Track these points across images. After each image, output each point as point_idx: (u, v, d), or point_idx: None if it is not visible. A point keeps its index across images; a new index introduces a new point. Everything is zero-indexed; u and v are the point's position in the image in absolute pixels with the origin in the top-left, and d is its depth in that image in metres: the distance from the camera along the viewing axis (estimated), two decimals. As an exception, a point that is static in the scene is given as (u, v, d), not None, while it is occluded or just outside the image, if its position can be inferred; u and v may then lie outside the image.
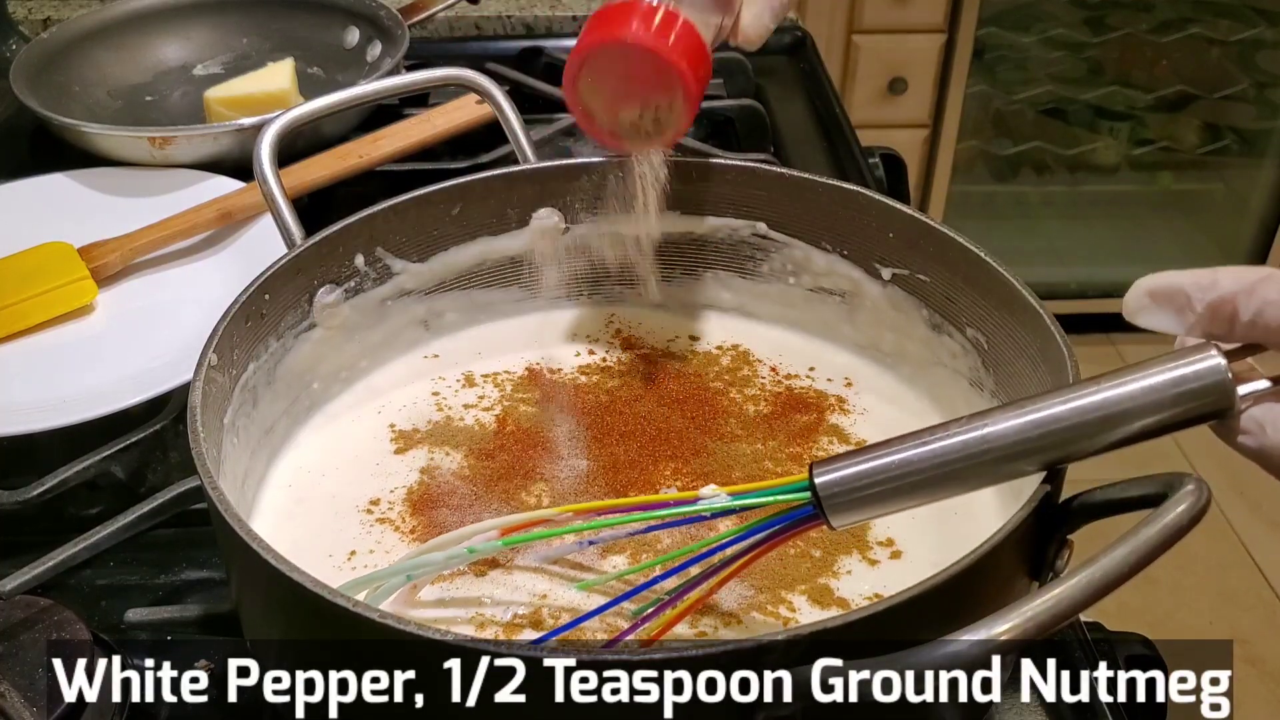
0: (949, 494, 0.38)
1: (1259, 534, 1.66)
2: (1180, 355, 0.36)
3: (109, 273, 0.72)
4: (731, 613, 0.45)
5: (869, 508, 0.38)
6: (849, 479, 0.37)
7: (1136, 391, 0.36)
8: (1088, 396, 0.36)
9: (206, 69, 0.98)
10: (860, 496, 0.37)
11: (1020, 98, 1.95)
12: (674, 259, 0.62)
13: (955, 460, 0.37)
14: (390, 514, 0.50)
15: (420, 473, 0.52)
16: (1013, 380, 0.51)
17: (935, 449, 0.37)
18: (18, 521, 0.56)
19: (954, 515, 0.50)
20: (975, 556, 0.36)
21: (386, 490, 0.52)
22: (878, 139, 1.02)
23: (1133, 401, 0.36)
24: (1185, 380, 0.35)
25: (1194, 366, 0.35)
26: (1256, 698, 1.41)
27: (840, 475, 0.38)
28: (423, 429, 0.55)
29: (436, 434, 0.55)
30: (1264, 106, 1.98)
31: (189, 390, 0.45)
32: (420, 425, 0.55)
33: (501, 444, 0.54)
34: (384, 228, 0.56)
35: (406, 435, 0.55)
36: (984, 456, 0.37)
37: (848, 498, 0.37)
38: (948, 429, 0.37)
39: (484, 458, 0.53)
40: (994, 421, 0.37)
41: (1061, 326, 0.46)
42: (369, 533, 0.50)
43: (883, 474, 0.37)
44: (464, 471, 0.52)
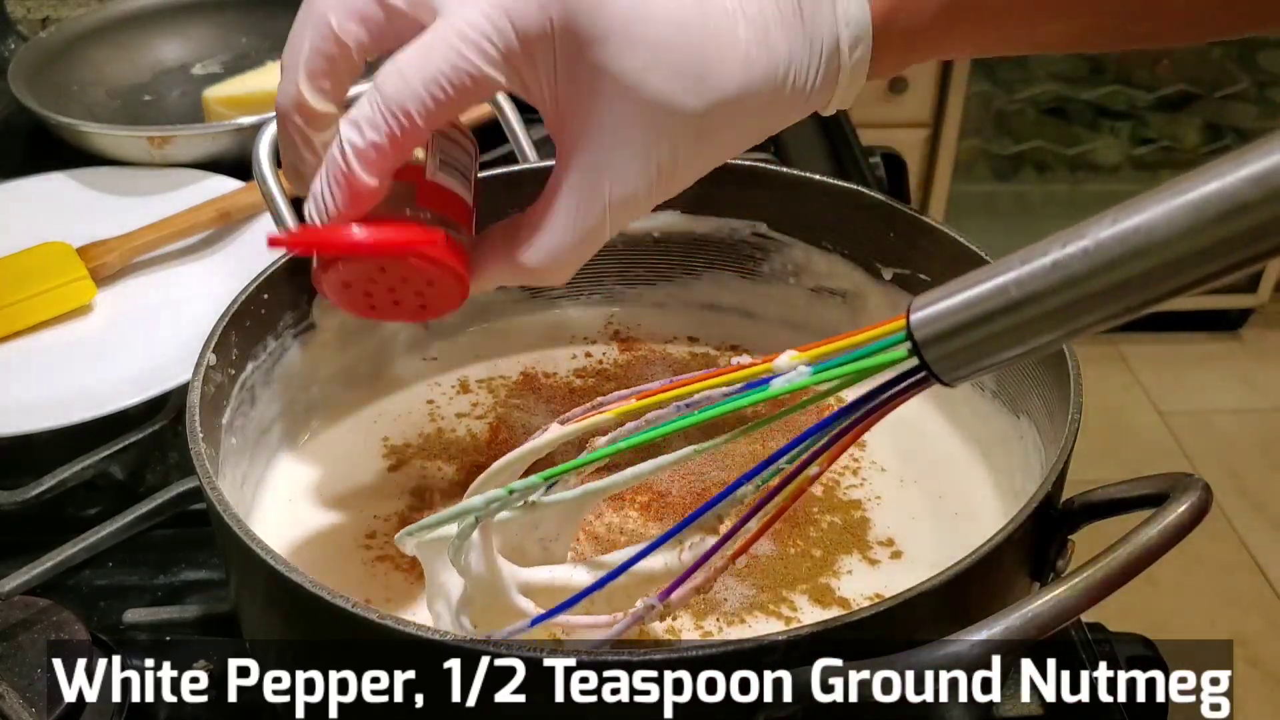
0: (1089, 322, 0.29)
1: (1260, 535, 1.66)
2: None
3: (108, 273, 0.72)
4: (732, 612, 0.45)
5: (986, 352, 0.30)
6: (951, 308, 0.30)
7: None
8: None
9: (205, 68, 0.98)
10: (972, 329, 0.30)
11: (1021, 97, 1.96)
12: (674, 258, 0.62)
13: (1097, 269, 0.28)
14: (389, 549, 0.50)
15: (410, 494, 0.52)
16: (1014, 380, 0.51)
17: (1058, 257, 0.28)
18: (16, 522, 0.56)
19: (955, 515, 0.50)
20: (976, 557, 0.36)
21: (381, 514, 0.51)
22: (878, 138, 1.01)
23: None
24: None
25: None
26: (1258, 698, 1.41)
27: (938, 305, 0.30)
28: (415, 442, 0.55)
29: (429, 447, 0.55)
30: (1265, 106, 1.98)
31: (188, 390, 0.45)
32: (412, 439, 0.55)
33: (494, 455, 0.53)
34: (383, 227, 0.56)
35: (399, 450, 0.55)
36: (1136, 261, 0.27)
37: (956, 337, 0.30)
38: (1082, 229, 0.28)
39: (476, 471, 0.53)
40: (1146, 207, 0.27)
41: (1062, 326, 0.46)
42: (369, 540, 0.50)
43: (994, 296, 0.29)
44: (455, 490, 0.52)
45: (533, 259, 0.42)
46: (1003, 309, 0.29)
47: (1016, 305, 0.29)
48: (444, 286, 0.43)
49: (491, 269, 0.43)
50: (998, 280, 0.30)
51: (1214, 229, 0.26)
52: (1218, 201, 0.26)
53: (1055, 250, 0.29)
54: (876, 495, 0.51)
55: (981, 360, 0.31)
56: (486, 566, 0.39)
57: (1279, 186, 0.25)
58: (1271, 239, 0.26)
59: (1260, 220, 0.26)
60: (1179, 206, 0.26)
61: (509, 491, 0.37)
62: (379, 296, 0.43)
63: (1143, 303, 0.28)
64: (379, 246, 0.40)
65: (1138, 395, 1.94)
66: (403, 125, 0.38)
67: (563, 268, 0.43)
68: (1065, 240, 0.28)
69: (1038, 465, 0.47)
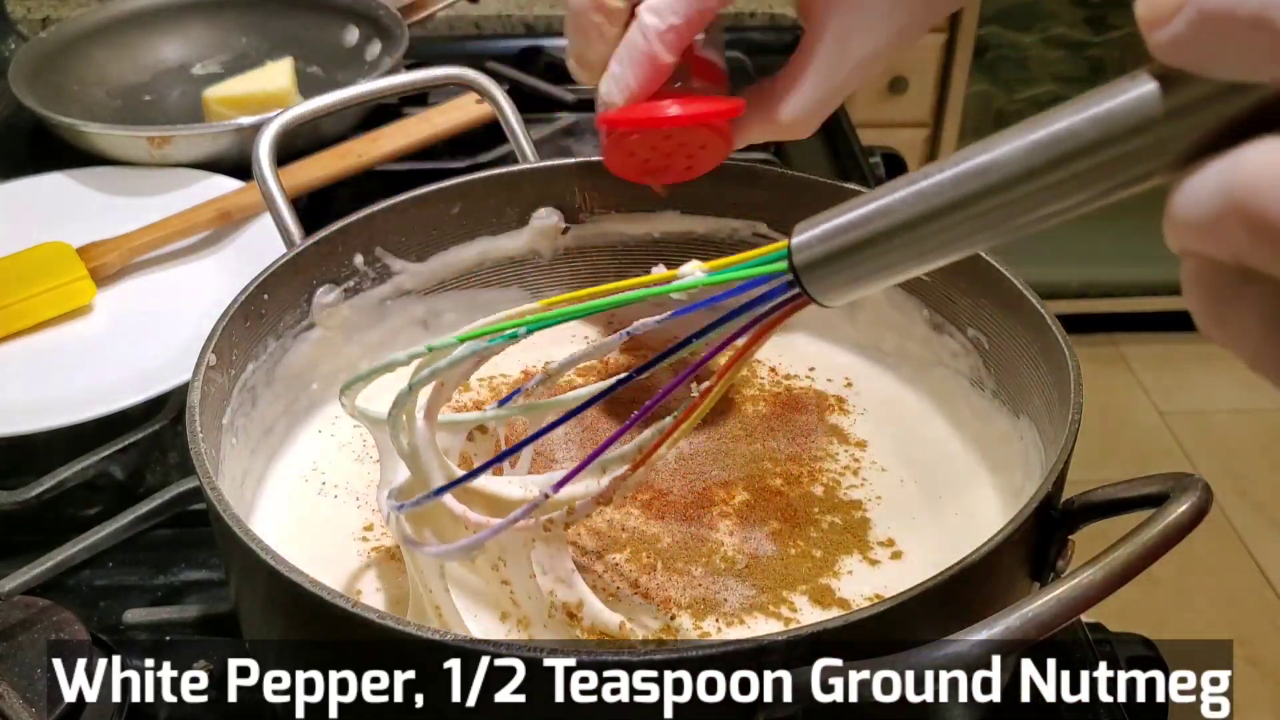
0: (952, 248, 0.31)
1: (1261, 534, 1.66)
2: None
3: (108, 272, 0.72)
4: (733, 613, 0.45)
5: (857, 272, 0.32)
6: (827, 234, 0.32)
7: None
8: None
9: (205, 68, 0.98)
10: (841, 254, 0.32)
11: (1022, 97, 1.95)
12: (673, 259, 0.62)
13: (951, 198, 0.29)
14: (386, 541, 0.50)
15: None
16: (1014, 381, 0.51)
17: (923, 187, 0.30)
18: (16, 522, 0.56)
19: (955, 516, 0.50)
20: (976, 557, 0.36)
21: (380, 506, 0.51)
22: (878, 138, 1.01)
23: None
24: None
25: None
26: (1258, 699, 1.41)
27: (816, 231, 0.32)
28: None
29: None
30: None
31: (188, 390, 0.45)
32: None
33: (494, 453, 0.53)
34: (383, 227, 0.56)
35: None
36: (987, 192, 0.28)
37: (828, 261, 0.32)
38: (943, 164, 0.30)
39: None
40: (997, 145, 0.28)
41: (1063, 326, 0.46)
42: (367, 532, 0.50)
43: (864, 223, 0.31)
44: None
45: (788, 113, 0.49)
46: (869, 236, 0.31)
47: (882, 233, 0.31)
48: (714, 148, 0.50)
49: (751, 128, 0.50)
50: (866, 208, 0.31)
51: (1056, 165, 0.27)
52: (1059, 139, 0.27)
53: (919, 180, 0.30)
54: (877, 495, 0.51)
55: (852, 283, 0.32)
56: (426, 448, 0.41)
57: (1114, 128, 0.26)
58: (1103, 178, 0.27)
59: (1095, 158, 0.27)
60: (1027, 143, 0.28)
61: (428, 349, 0.40)
62: (655, 161, 0.51)
63: (995, 233, 0.29)
64: (695, 118, 0.47)
65: (1138, 395, 1.94)
66: (699, 5, 0.44)
67: (813, 120, 0.49)
68: (928, 171, 0.30)
69: (1038, 465, 0.47)
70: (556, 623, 0.43)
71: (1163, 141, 0.25)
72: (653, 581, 0.46)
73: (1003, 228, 0.29)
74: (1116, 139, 0.26)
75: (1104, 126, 0.26)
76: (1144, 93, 0.25)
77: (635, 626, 0.44)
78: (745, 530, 0.48)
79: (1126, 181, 0.26)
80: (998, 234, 0.29)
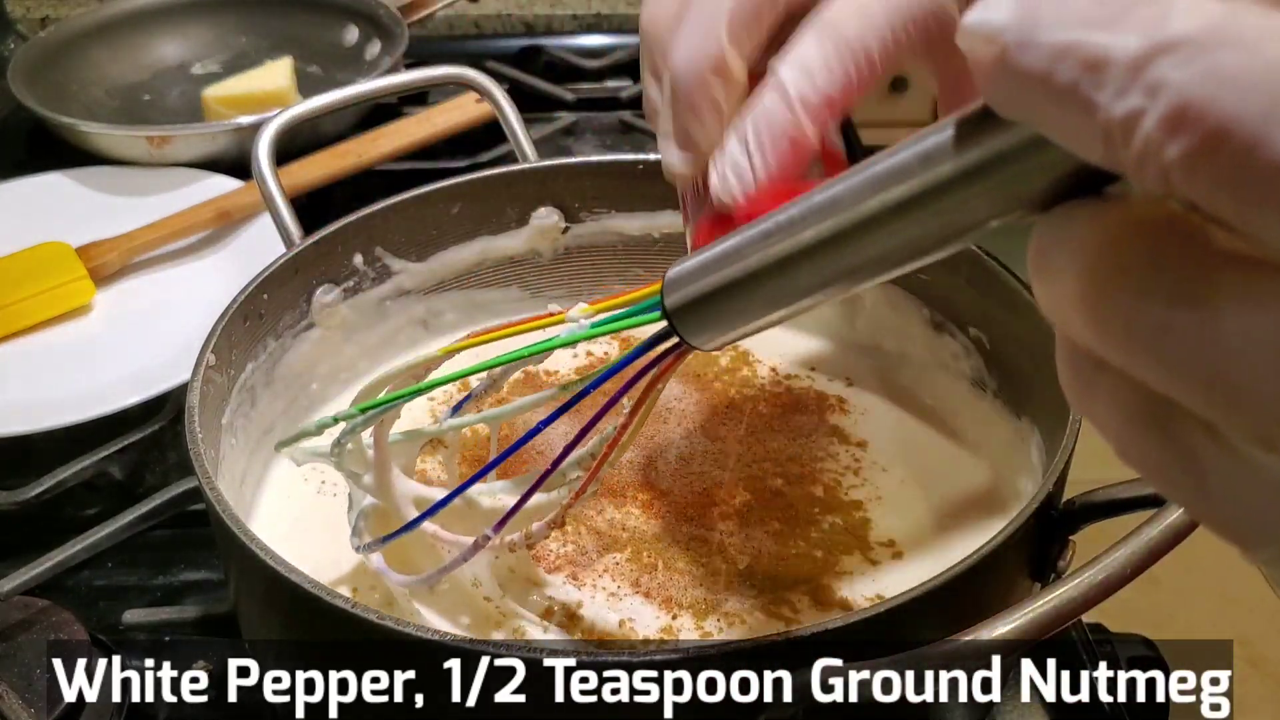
0: (804, 289, 0.28)
1: (1260, 534, 1.65)
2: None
3: (107, 272, 0.72)
4: (733, 613, 0.45)
5: (723, 315, 0.30)
6: (689, 272, 0.30)
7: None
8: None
9: (204, 67, 0.98)
10: (705, 295, 0.30)
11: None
12: (674, 258, 0.61)
13: (805, 234, 0.26)
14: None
15: None
16: (1016, 380, 0.51)
17: (767, 226, 0.27)
18: (15, 522, 0.56)
19: (956, 516, 0.50)
20: (977, 557, 0.36)
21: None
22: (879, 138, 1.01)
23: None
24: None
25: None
26: (1259, 699, 1.41)
27: (681, 270, 0.31)
28: (415, 439, 0.55)
29: (430, 443, 0.54)
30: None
31: (187, 390, 0.45)
32: (413, 435, 0.55)
33: (472, 444, 0.53)
34: (383, 227, 0.56)
35: (400, 445, 0.55)
36: (835, 228, 0.26)
37: (696, 305, 0.30)
38: (796, 201, 0.27)
39: (476, 465, 0.53)
40: (845, 179, 0.25)
41: (1063, 326, 0.46)
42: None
43: (718, 265, 0.29)
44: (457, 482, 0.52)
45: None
46: (728, 281, 0.29)
47: (741, 278, 0.29)
48: None
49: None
50: (721, 248, 0.29)
51: (888, 204, 0.24)
52: (887, 174, 0.24)
53: (770, 219, 0.28)
54: (878, 496, 0.51)
55: (720, 328, 0.30)
56: (377, 480, 0.42)
57: (934, 167, 0.23)
58: (940, 216, 0.23)
59: (921, 200, 0.23)
60: (859, 180, 0.25)
61: (334, 419, 0.40)
62: None
63: (845, 276, 0.27)
64: None
65: (1138, 395, 1.93)
66: (861, 71, 0.33)
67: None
68: (785, 209, 0.27)
69: (1039, 465, 0.47)
70: (555, 624, 0.43)
71: (993, 187, 0.22)
72: (653, 581, 0.46)
73: (854, 271, 0.26)
74: (943, 181, 0.23)
75: (927, 163, 0.23)
76: (953, 132, 0.22)
77: (635, 626, 0.44)
78: (746, 530, 0.48)
79: (968, 224, 0.23)
80: (851, 277, 0.26)
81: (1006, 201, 0.22)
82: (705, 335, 0.31)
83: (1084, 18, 0.18)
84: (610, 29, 1.07)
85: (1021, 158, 0.21)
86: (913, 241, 0.25)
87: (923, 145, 0.23)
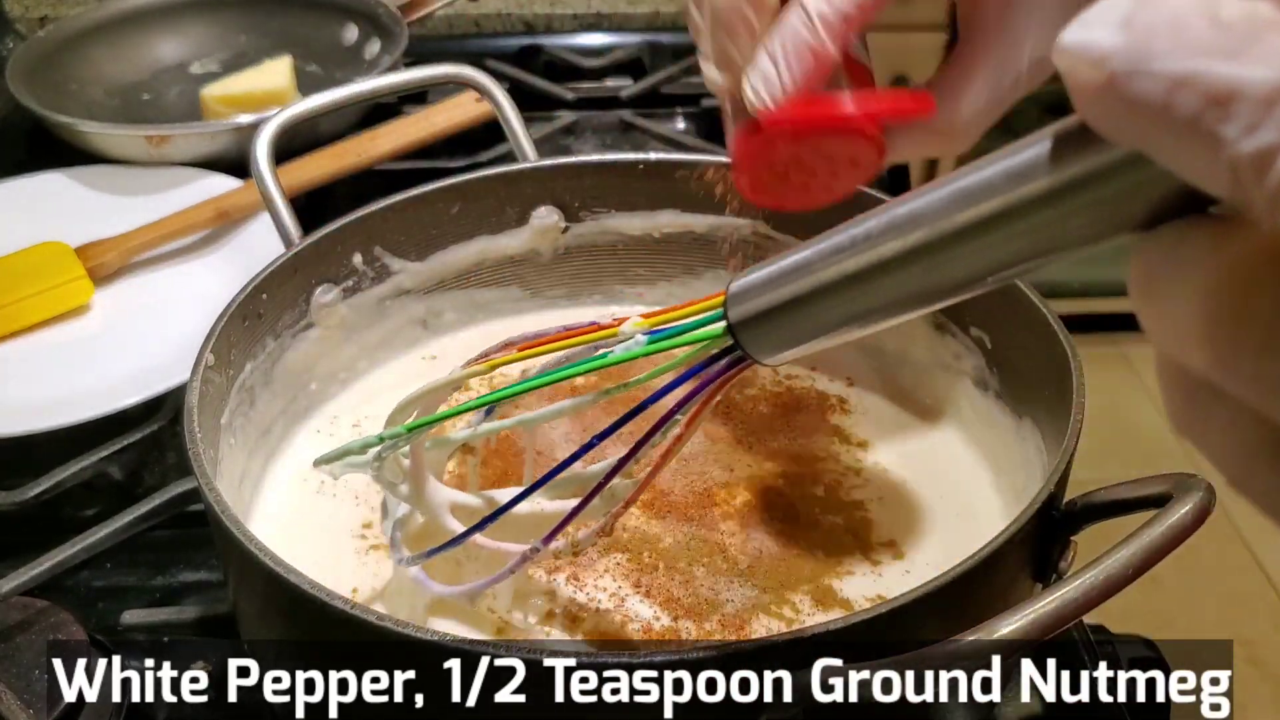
0: (884, 305, 0.28)
1: (1264, 535, 1.65)
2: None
3: (106, 272, 0.72)
4: (735, 613, 0.45)
5: (788, 331, 0.30)
6: (756, 285, 0.30)
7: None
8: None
9: (204, 66, 0.98)
10: (774, 308, 0.30)
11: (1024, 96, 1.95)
12: (674, 258, 0.61)
13: (884, 248, 0.27)
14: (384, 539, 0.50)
15: None
16: (1017, 381, 0.51)
17: (839, 240, 0.28)
18: (14, 522, 0.56)
19: (957, 517, 0.50)
20: (979, 558, 0.35)
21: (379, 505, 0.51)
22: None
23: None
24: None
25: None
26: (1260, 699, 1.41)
27: (747, 282, 0.31)
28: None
29: (430, 442, 0.54)
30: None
31: (186, 390, 0.44)
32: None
33: (496, 449, 0.53)
34: (382, 226, 0.56)
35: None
36: (919, 242, 0.26)
37: (761, 319, 0.30)
38: (870, 213, 0.28)
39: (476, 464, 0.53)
40: (925, 194, 0.26)
41: (1065, 326, 0.46)
42: (365, 530, 0.50)
43: (792, 274, 0.29)
44: (454, 481, 0.52)
45: (959, 121, 0.43)
46: (798, 295, 0.29)
47: (812, 292, 0.29)
48: (864, 165, 0.42)
49: (911, 138, 0.43)
50: (790, 260, 0.29)
51: (975, 221, 0.24)
52: (976, 189, 0.24)
53: (843, 232, 0.28)
54: (879, 496, 0.51)
55: (786, 343, 0.31)
56: (414, 488, 0.42)
57: (1029, 184, 0.22)
58: (1030, 235, 0.23)
59: (1012, 216, 0.23)
60: (946, 194, 0.24)
61: (379, 439, 0.40)
62: (794, 179, 0.42)
63: (919, 296, 0.26)
64: (881, 112, 0.40)
65: (1140, 395, 1.93)
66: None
67: (981, 125, 0.44)
68: (854, 224, 0.28)
69: (1040, 466, 0.47)
70: (557, 625, 0.43)
71: (1090, 204, 0.21)
72: (654, 581, 0.46)
73: (931, 290, 0.26)
74: (1037, 196, 0.22)
75: (1018, 179, 0.22)
76: (1051, 148, 0.22)
77: (635, 627, 0.44)
78: (747, 530, 0.48)
79: (1060, 243, 0.23)
80: (928, 296, 0.26)
81: (1105, 220, 0.21)
82: (770, 350, 0.31)
83: (1204, 46, 0.17)
84: (610, 28, 1.07)
85: (1124, 176, 0.21)
86: (999, 259, 0.24)
87: (1013, 160, 0.23)
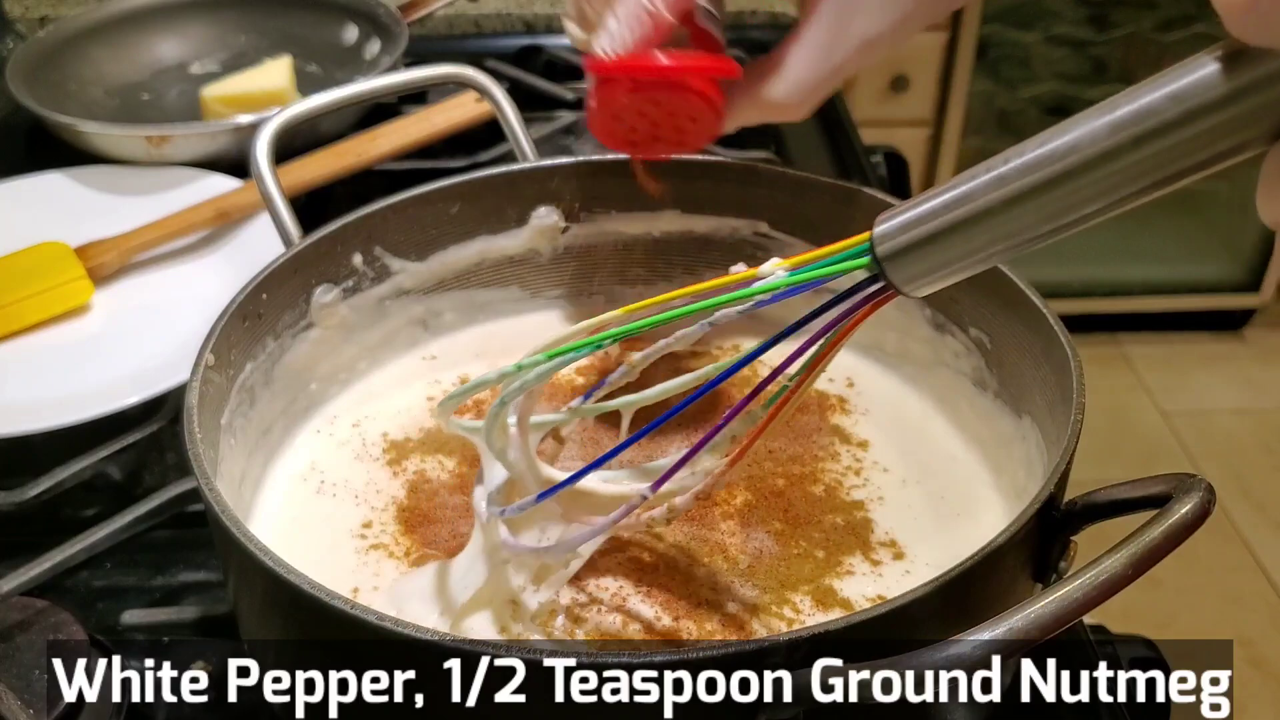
0: (1035, 232, 0.31)
1: (1264, 536, 1.65)
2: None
3: (105, 272, 0.72)
4: (735, 613, 0.44)
5: (939, 259, 0.32)
6: (908, 223, 0.32)
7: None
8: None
9: (203, 67, 0.98)
10: (924, 242, 0.32)
11: (1024, 96, 1.95)
12: (674, 258, 0.61)
13: (1032, 181, 0.30)
14: (384, 538, 0.50)
15: (410, 488, 0.52)
16: (1017, 381, 0.51)
17: (1004, 171, 0.30)
18: (14, 523, 0.56)
19: (957, 517, 0.50)
20: (978, 558, 0.35)
21: (379, 505, 0.51)
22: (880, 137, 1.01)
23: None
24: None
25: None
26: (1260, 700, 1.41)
27: (898, 220, 0.33)
28: (415, 437, 0.55)
29: (429, 442, 0.54)
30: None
31: (185, 390, 0.44)
32: (413, 434, 0.55)
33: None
34: (382, 226, 0.56)
35: (399, 445, 0.54)
36: (1069, 174, 0.29)
37: (911, 250, 0.32)
38: (1023, 147, 0.30)
39: (476, 464, 0.53)
40: (1075, 127, 0.29)
41: (1065, 326, 0.46)
42: (365, 530, 0.50)
43: (945, 210, 0.32)
44: (455, 481, 0.52)
45: (781, 91, 0.47)
46: (951, 224, 0.32)
47: (963, 220, 0.31)
48: (705, 122, 0.48)
49: (743, 105, 0.48)
50: (946, 195, 0.32)
51: (1137, 143, 0.27)
52: (1137, 117, 0.27)
53: (999, 165, 0.31)
54: (879, 496, 0.51)
55: (935, 271, 0.33)
56: (522, 455, 0.42)
57: (1194, 103, 0.26)
58: (1187, 156, 0.27)
59: (1178, 135, 0.27)
60: (1106, 123, 0.28)
61: (517, 367, 0.40)
62: (642, 130, 0.49)
63: (1077, 217, 0.29)
64: (685, 69, 0.46)
65: (1140, 395, 1.93)
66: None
67: (807, 101, 0.47)
68: (1008, 156, 0.30)
69: (1040, 466, 0.47)
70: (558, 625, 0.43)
71: (1241, 117, 0.26)
72: (654, 581, 0.46)
73: (1084, 210, 0.29)
74: (1194, 115, 0.26)
75: (1180, 103, 0.26)
76: (1214, 69, 0.26)
77: (635, 627, 0.44)
78: (747, 530, 0.48)
79: (1215, 156, 0.27)
80: (1079, 217, 0.29)
81: (1256, 128, 0.26)
82: (919, 280, 0.33)
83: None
84: (610, 28, 1.07)
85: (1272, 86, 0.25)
86: (1152, 176, 0.28)
87: (1170, 87, 0.26)
